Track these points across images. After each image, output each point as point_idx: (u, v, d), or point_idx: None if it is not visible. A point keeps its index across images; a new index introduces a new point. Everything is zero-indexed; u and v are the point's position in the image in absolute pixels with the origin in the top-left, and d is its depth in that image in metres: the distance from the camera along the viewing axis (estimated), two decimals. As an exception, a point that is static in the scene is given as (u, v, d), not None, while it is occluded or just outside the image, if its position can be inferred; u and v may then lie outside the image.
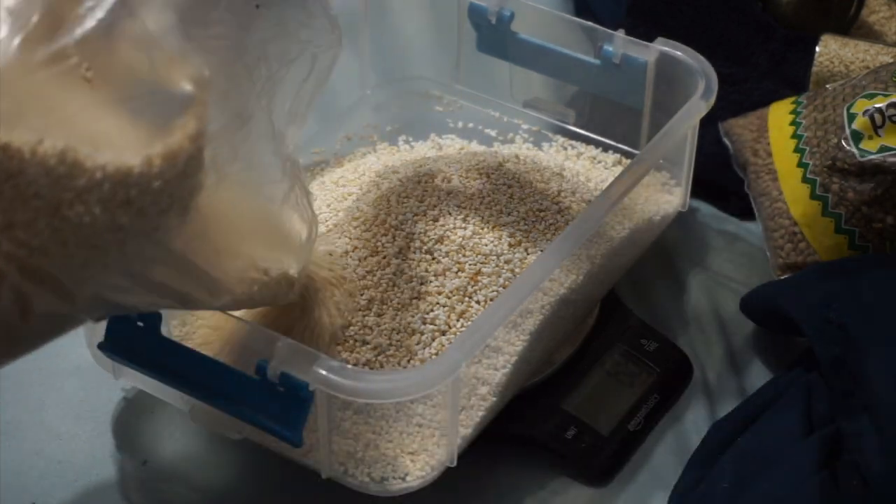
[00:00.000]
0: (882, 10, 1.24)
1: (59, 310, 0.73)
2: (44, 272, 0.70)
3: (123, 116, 0.72)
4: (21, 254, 0.69)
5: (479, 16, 1.13)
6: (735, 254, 1.12)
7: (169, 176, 0.73)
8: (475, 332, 0.87)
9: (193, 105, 0.74)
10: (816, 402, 0.93)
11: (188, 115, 0.74)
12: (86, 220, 0.70)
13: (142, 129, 0.72)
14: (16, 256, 0.69)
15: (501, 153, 1.07)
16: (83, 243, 0.71)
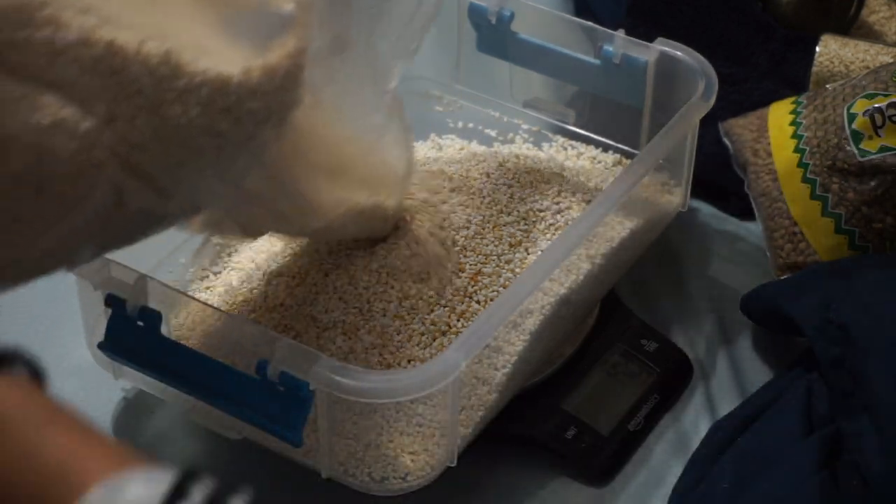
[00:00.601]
0: (882, 10, 1.24)
1: (153, 207, 0.75)
2: (142, 169, 0.73)
3: (227, 32, 0.75)
4: (121, 148, 0.71)
5: (479, 16, 1.13)
6: (735, 254, 1.12)
7: (267, 89, 0.75)
8: (475, 332, 0.87)
9: (295, 25, 0.77)
10: (816, 402, 0.93)
11: (289, 35, 0.76)
12: (183, 121, 0.72)
13: (244, 46, 0.75)
14: (117, 150, 0.71)
15: (501, 153, 1.08)
16: (181, 144, 0.73)
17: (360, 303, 0.95)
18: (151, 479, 0.55)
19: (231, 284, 1.00)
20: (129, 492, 0.54)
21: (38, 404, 0.57)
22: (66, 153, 0.69)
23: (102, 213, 0.73)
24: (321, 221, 0.89)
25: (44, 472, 0.55)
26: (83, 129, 0.70)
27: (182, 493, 0.55)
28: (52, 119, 0.68)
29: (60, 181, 0.70)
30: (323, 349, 0.93)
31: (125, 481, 0.55)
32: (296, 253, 0.99)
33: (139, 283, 0.89)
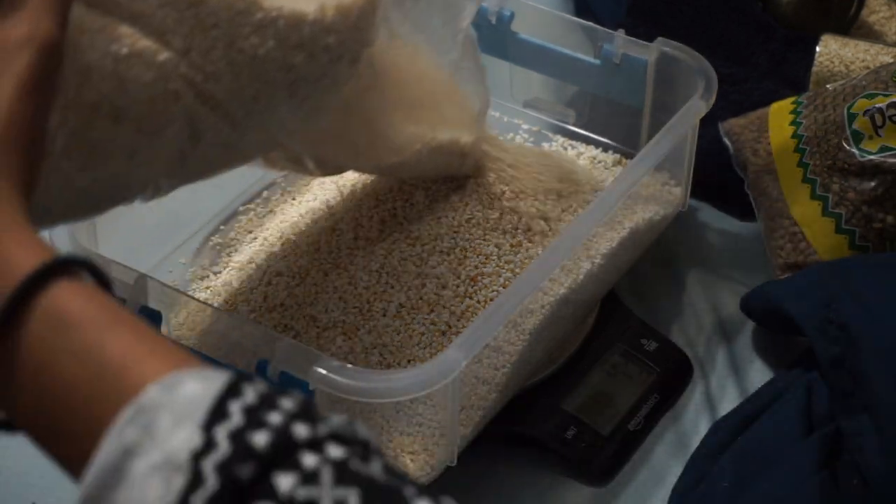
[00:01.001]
0: (882, 10, 1.24)
1: (228, 140, 0.77)
2: (216, 100, 0.75)
3: None
4: (197, 78, 0.74)
5: (479, 16, 1.13)
6: (735, 254, 1.12)
7: (340, 27, 0.78)
8: (475, 332, 0.87)
9: None
10: (816, 401, 0.93)
11: None
12: (259, 54, 0.75)
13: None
14: (192, 80, 0.74)
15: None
16: (255, 77, 0.76)
17: (360, 303, 0.95)
18: (206, 378, 0.56)
19: (231, 284, 1.00)
20: (184, 389, 0.55)
21: (100, 307, 0.58)
22: (142, 83, 0.71)
23: (179, 147, 0.75)
24: (398, 157, 0.91)
25: (102, 372, 0.56)
26: (160, 60, 0.72)
27: (236, 392, 0.56)
28: (129, 49, 0.71)
29: (137, 110, 0.72)
30: (323, 349, 0.93)
31: (181, 379, 0.56)
32: (296, 253, 1.00)
33: (139, 282, 0.89)
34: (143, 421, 0.55)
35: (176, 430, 0.54)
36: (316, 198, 1.06)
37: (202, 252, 1.06)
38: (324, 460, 0.55)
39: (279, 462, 0.54)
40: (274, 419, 0.55)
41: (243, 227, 1.07)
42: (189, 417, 0.55)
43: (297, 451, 0.55)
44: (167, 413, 0.55)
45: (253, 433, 0.54)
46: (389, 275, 0.97)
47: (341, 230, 1.00)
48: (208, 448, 0.54)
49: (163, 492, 0.54)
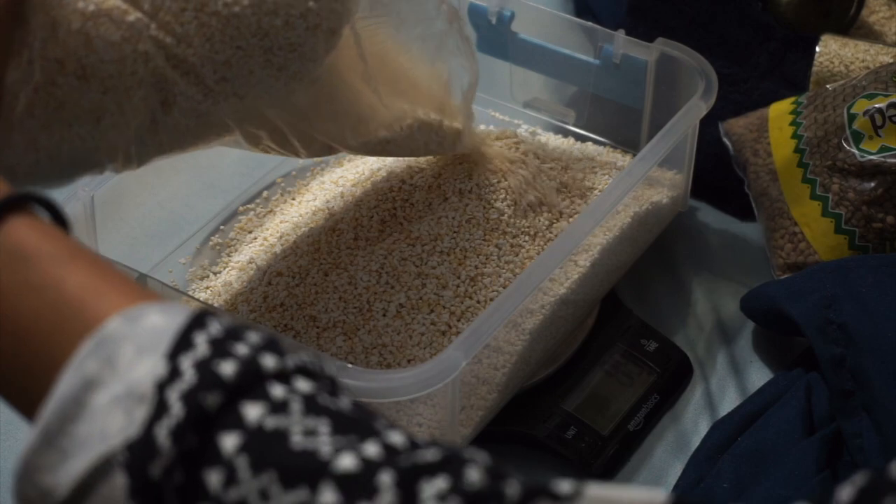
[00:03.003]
0: (882, 10, 1.24)
1: (200, 108, 0.75)
2: (188, 63, 0.74)
3: None
4: (167, 40, 0.72)
5: (479, 16, 1.13)
6: (735, 254, 1.12)
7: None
8: (475, 332, 0.87)
9: None
10: (816, 401, 0.93)
11: None
12: (233, 13, 0.74)
13: None
14: (162, 42, 0.72)
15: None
16: (228, 42, 0.74)
17: (360, 303, 0.95)
18: (170, 311, 0.55)
19: (231, 284, 1.00)
20: (147, 320, 0.54)
21: (58, 242, 0.57)
22: (110, 42, 0.70)
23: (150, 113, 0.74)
24: (386, 132, 0.89)
25: (62, 305, 0.55)
26: (129, 20, 0.71)
27: (201, 324, 0.55)
28: (97, 7, 0.70)
29: (104, 70, 0.71)
30: (323, 349, 0.93)
31: (144, 311, 0.55)
32: (296, 253, 1.00)
33: (139, 282, 0.89)
34: (105, 352, 0.54)
35: (139, 361, 0.53)
36: (316, 198, 1.06)
37: (202, 252, 1.06)
38: (292, 391, 0.54)
39: (246, 392, 0.53)
40: (241, 350, 0.54)
41: (243, 227, 1.07)
42: (153, 348, 0.54)
43: (264, 381, 0.54)
44: (130, 344, 0.54)
45: (219, 363, 0.53)
46: (389, 275, 0.97)
47: (341, 230, 1.00)
48: (173, 377, 0.53)
49: (124, 423, 0.53)
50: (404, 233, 0.99)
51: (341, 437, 0.53)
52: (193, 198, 1.09)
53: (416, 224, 1.00)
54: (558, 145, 1.13)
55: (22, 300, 0.56)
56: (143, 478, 0.52)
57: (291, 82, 0.79)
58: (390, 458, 0.53)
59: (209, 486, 0.52)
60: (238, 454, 0.52)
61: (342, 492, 0.52)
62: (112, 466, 0.53)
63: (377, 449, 0.53)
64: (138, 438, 0.52)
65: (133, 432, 0.53)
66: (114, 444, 0.53)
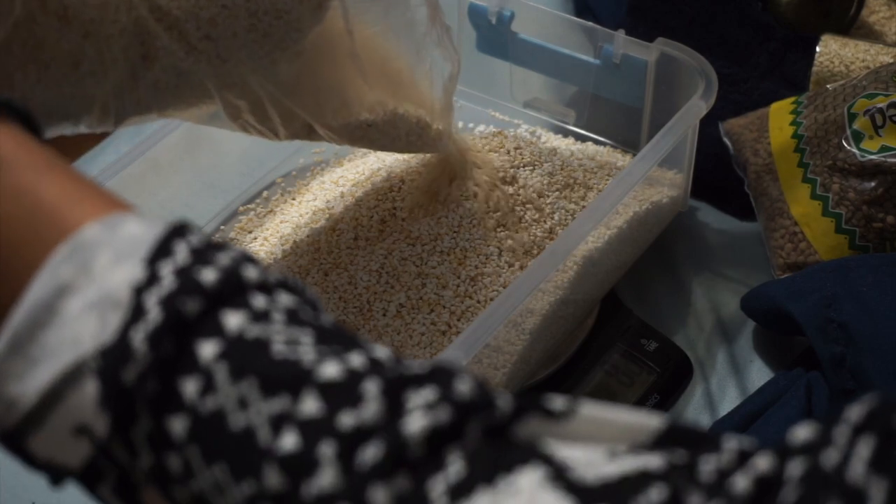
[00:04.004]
0: (882, 10, 1.24)
1: (182, 64, 0.74)
2: (171, 16, 0.72)
3: None
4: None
5: (479, 16, 1.13)
6: (735, 254, 1.11)
7: None
8: (475, 332, 0.87)
9: None
10: (817, 401, 0.93)
11: None
12: None
13: None
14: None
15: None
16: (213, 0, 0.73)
17: (360, 303, 0.95)
18: (149, 220, 0.54)
19: (231, 284, 1.00)
20: (125, 228, 0.53)
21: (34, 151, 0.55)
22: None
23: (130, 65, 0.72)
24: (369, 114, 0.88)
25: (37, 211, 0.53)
26: None
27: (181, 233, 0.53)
28: None
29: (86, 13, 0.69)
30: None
31: (122, 219, 0.53)
32: (296, 253, 0.99)
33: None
34: (80, 258, 0.52)
35: (116, 267, 0.52)
36: (316, 198, 1.05)
37: (202, 252, 1.06)
38: (274, 302, 0.52)
39: (227, 300, 0.52)
40: (222, 259, 0.53)
41: (243, 227, 1.07)
42: (131, 254, 0.52)
43: (246, 290, 0.52)
44: (107, 250, 0.52)
45: (200, 269, 0.52)
46: (389, 275, 0.97)
47: (341, 230, 1.00)
48: (151, 282, 0.51)
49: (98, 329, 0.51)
50: (404, 233, 0.99)
51: (325, 347, 0.52)
52: (193, 198, 1.08)
53: (416, 224, 1.00)
54: (558, 145, 1.13)
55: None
56: (116, 384, 0.50)
57: (275, 51, 0.78)
58: (375, 367, 0.52)
59: (184, 394, 0.50)
60: (216, 362, 0.50)
61: (325, 400, 0.50)
62: (83, 373, 0.51)
63: (362, 359, 0.52)
64: (112, 343, 0.51)
65: (107, 337, 0.51)
66: (85, 349, 0.51)
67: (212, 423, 0.50)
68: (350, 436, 0.49)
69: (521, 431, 0.51)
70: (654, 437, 0.51)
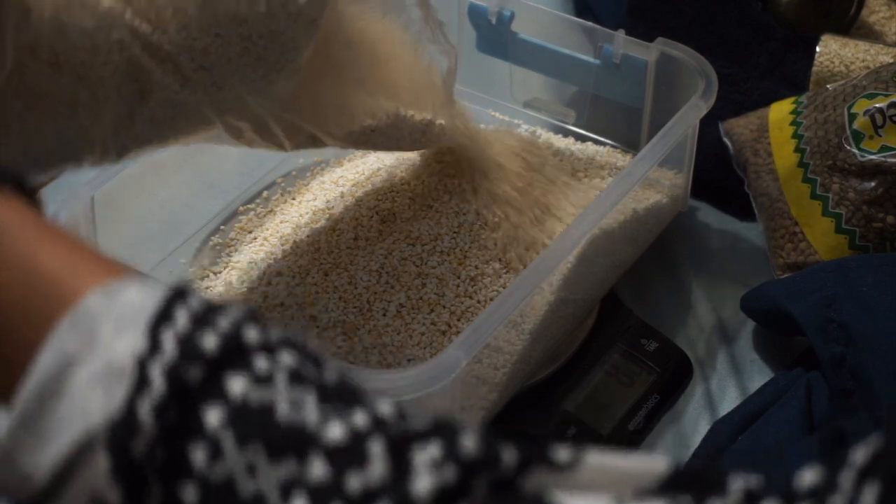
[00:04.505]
0: (882, 10, 1.24)
1: (178, 97, 0.73)
2: (164, 51, 0.71)
3: None
4: (143, 28, 0.70)
5: (479, 16, 1.13)
6: (735, 254, 1.11)
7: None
8: (475, 332, 0.87)
9: None
10: (817, 401, 0.93)
11: None
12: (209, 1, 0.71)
13: None
14: (138, 30, 0.70)
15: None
16: (205, 29, 0.72)
17: (360, 303, 0.95)
18: (149, 286, 0.54)
19: (231, 284, 1.00)
20: (125, 295, 0.53)
21: (30, 219, 0.55)
22: (84, 30, 0.68)
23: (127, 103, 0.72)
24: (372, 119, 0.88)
25: (36, 281, 0.54)
26: (103, 8, 0.69)
27: (181, 298, 0.53)
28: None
29: (78, 58, 0.69)
30: (323, 349, 0.93)
31: (122, 286, 0.53)
32: (296, 253, 1.00)
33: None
34: (84, 328, 0.52)
35: (118, 337, 0.52)
36: (316, 198, 1.05)
37: (202, 252, 1.06)
38: (276, 364, 0.52)
39: (230, 365, 0.52)
40: (222, 323, 0.53)
41: (243, 227, 1.07)
42: (132, 323, 0.52)
43: (248, 354, 0.52)
44: (109, 320, 0.52)
45: (201, 335, 0.52)
46: (389, 275, 0.97)
47: (341, 230, 1.00)
48: (154, 351, 0.52)
49: (105, 400, 0.51)
50: (404, 233, 0.99)
51: (328, 406, 0.52)
52: (193, 198, 1.08)
53: (416, 224, 1.00)
54: (558, 145, 1.13)
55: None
56: (126, 457, 0.51)
57: (271, 72, 0.77)
58: (380, 426, 0.52)
59: (194, 462, 0.51)
60: (223, 428, 0.51)
61: (332, 463, 0.50)
62: (93, 447, 0.51)
63: (366, 418, 0.52)
64: (119, 415, 0.51)
65: (114, 409, 0.51)
66: (94, 421, 0.51)
67: (222, 490, 0.51)
68: (359, 499, 0.50)
69: (528, 484, 0.51)
70: (659, 482, 0.51)
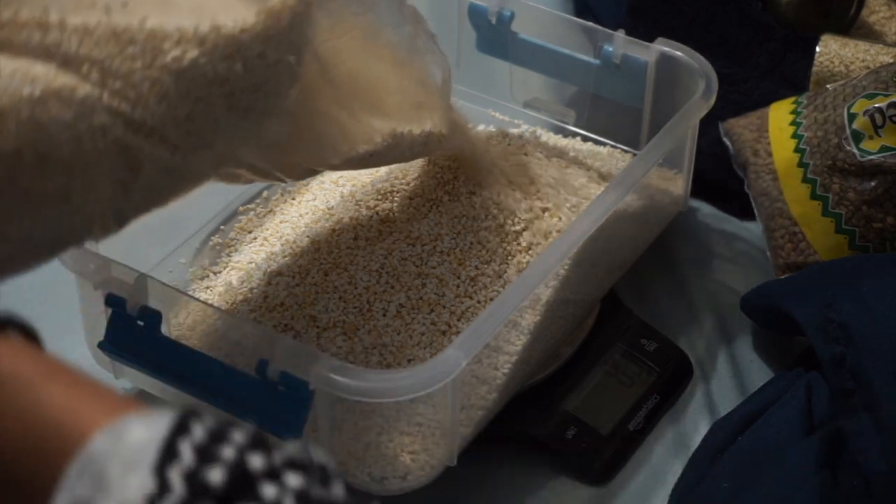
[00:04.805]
0: (882, 10, 1.24)
1: (170, 164, 0.73)
2: (148, 126, 0.71)
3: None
4: (123, 108, 0.70)
5: (479, 16, 1.13)
6: (735, 254, 1.11)
7: (273, 33, 0.74)
8: (475, 332, 0.87)
9: None
10: (817, 401, 0.93)
11: None
12: (184, 64, 0.71)
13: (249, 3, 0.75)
14: (118, 111, 0.70)
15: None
16: (185, 96, 0.72)
17: (360, 303, 0.95)
18: (152, 420, 0.54)
19: (231, 284, 1.00)
20: (131, 435, 0.54)
21: (32, 362, 0.57)
22: (64, 123, 0.68)
23: (119, 181, 0.71)
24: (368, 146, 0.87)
25: (41, 428, 0.54)
26: (79, 97, 0.69)
27: (184, 430, 0.54)
28: (43, 90, 0.67)
29: (64, 152, 0.68)
30: (323, 349, 0.93)
31: (125, 425, 0.54)
32: (296, 253, 1.00)
33: (139, 282, 0.89)
34: (93, 472, 0.53)
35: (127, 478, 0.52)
36: (316, 198, 1.06)
37: (202, 252, 1.06)
38: (284, 489, 0.53)
39: (238, 496, 0.53)
40: (227, 453, 0.54)
41: (243, 227, 1.07)
42: (139, 463, 0.53)
43: (255, 483, 0.53)
44: (116, 461, 0.53)
45: (207, 471, 0.53)
46: (389, 275, 0.97)
47: (341, 230, 1.00)
48: (163, 492, 0.52)
49: None
50: (404, 233, 0.99)
51: None
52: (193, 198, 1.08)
53: (416, 224, 1.00)
54: (558, 145, 1.13)
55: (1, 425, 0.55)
56: None
57: (259, 121, 0.77)
58: None
59: None
60: None
61: None
62: None
63: None
64: None
65: None
66: None
67: None
68: None
69: None
70: None
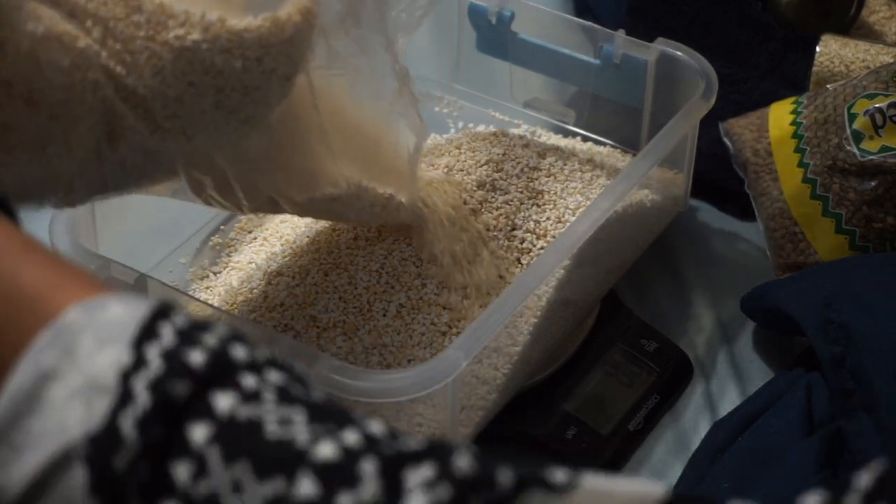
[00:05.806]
0: (882, 10, 1.24)
1: (146, 142, 0.74)
2: (137, 95, 0.72)
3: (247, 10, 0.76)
4: (117, 70, 0.71)
5: (479, 16, 1.13)
6: (735, 254, 1.11)
7: (273, 40, 0.75)
8: (475, 332, 0.87)
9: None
10: (817, 401, 0.93)
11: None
12: (185, 47, 0.72)
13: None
14: (112, 72, 0.71)
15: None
16: (180, 77, 0.73)
17: (360, 303, 0.95)
18: (132, 302, 0.53)
19: (231, 284, 1.00)
20: (108, 311, 0.52)
21: (11, 235, 0.55)
22: (59, 67, 0.68)
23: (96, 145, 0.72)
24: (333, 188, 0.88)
25: (16, 297, 0.53)
26: (79, 47, 0.69)
27: (165, 315, 0.53)
28: (47, 30, 0.68)
29: (52, 96, 0.69)
30: (323, 349, 0.93)
31: (104, 301, 0.53)
32: (296, 253, 0.99)
33: (139, 282, 0.89)
34: (63, 343, 0.52)
35: (100, 352, 0.51)
36: (316, 198, 1.05)
37: (202, 252, 1.06)
38: (264, 382, 0.52)
39: (217, 381, 0.51)
40: (209, 340, 0.52)
41: (243, 227, 1.07)
42: (115, 338, 0.52)
43: (235, 371, 0.52)
44: (90, 335, 0.52)
45: (188, 352, 0.51)
46: (389, 275, 0.97)
47: (341, 230, 1.00)
48: (138, 366, 0.51)
49: (85, 415, 0.50)
50: (404, 233, 0.99)
51: (318, 425, 0.51)
52: (193, 198, 1.08)
53: (416, 224, 1.00)
54: (558, 145, 1.13)
55: None
56: (106, 471, 0.50)
57: (243, 126, 0.77)
58: (372, 445, 0.51)
59: (177, 479, 0.50)
60: (209, 445, 0.50)
61: (321, 481, 0.49)
62: (70, 461, 0.50)
63: (357, 437, 0.51)
64: (101, 429, 0.50)
65: (95, 424, 0.50)
66: (73, 436, 0.50)
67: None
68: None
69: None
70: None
